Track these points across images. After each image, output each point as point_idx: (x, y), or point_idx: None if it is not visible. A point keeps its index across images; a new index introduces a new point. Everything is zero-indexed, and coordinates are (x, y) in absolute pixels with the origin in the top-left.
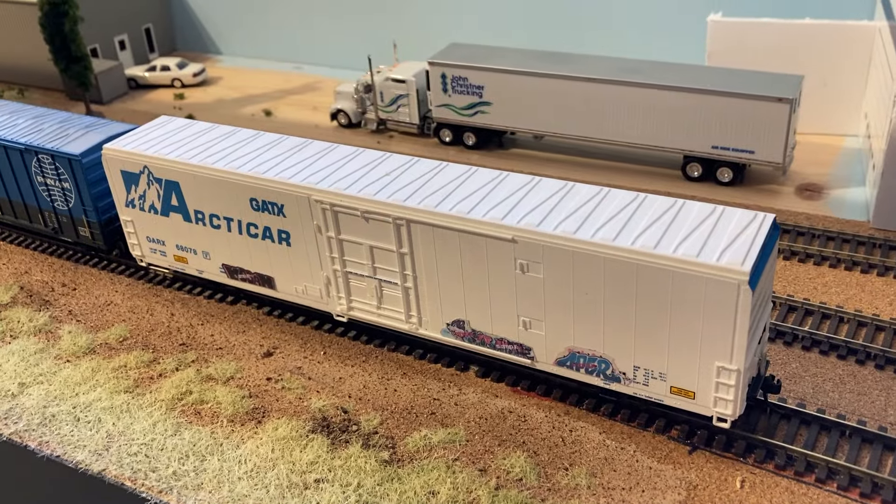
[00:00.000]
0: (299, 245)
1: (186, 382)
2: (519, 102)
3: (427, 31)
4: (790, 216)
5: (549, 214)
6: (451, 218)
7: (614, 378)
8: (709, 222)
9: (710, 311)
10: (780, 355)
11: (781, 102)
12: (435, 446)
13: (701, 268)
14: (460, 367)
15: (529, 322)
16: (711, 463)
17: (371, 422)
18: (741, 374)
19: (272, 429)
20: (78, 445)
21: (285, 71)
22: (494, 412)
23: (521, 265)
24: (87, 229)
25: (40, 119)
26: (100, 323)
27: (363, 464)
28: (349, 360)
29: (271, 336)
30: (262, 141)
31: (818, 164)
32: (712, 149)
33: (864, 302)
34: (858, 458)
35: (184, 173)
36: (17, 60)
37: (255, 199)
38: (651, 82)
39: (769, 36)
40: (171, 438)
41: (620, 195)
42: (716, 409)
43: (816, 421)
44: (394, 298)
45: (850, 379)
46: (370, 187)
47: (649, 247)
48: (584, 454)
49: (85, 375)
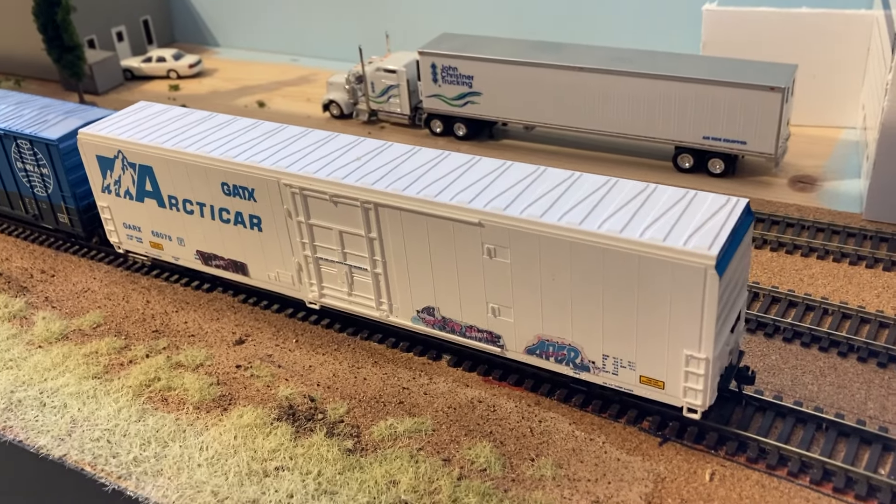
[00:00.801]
0: (270, 230)
1: (155, 369)
2: (508, 92)
3: (423, 22)
4: (780, 207)
5: (517, 198)
6: (418, 201)
7: (584, 367)
8: (679, 207)
9: (677, 297)
10: (760, 347)
11: (773, 91)
12: (400, 435)
13: (667, 252)
14: (432, 357)
15: (498, 309)
16: (682, 455)
17: (338, 410)
18: (710, 364)
19: (237, 416)
20: (41, 431)
21: (282, 63)
22: (464, 402)
23: (488, 250)
24: (65, 216)
25: (22, 105)
26: (75, 309)
27: (325, 452)
28: (321, 349)
29: (244, 324)
30: (236, 126)
31: (814, 156)
32: (703, 139)
33: (850, 294)
34: (834, 451)
35: (157, 158)
36: (15, 51)
37: (227, 183)
38: (641, 71)
39: (765, 25)
40: (134, 424)
41: (591, 179)
42: (686, 400)
43: (792, 413)
44: (364, 285)
45: (830, 371)
46: (339, 171)
47: (615, 231)
48: (552, 445)
49: (55, 361)
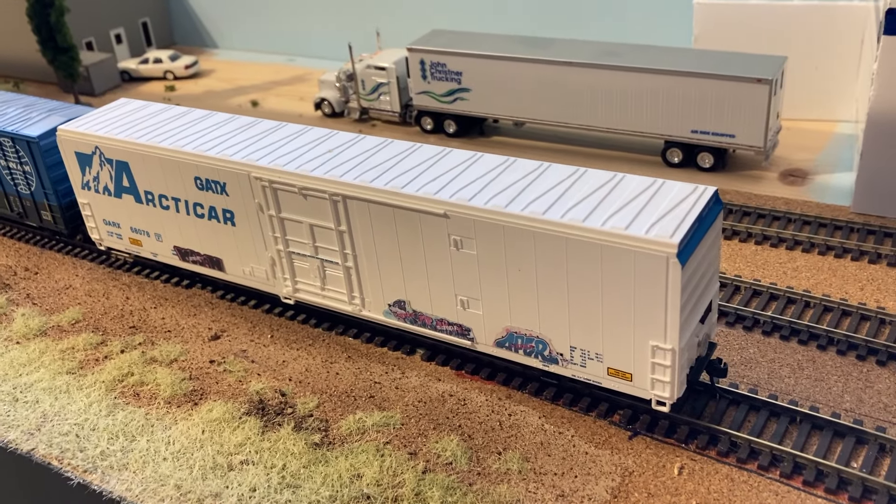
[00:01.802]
0: (243, 225)
1: (129, 364)
2: (497, 88)
3: (416, 21)
4: (768, 201)
5: (483, 189)
6: (385, 193)
7: (552, 359)
8: (645, 195)
9: (640, 286)
10: (738, 340)
11: (760, 83)
12: (368, 429)
13: (629, 241)
14: (406, 351)
15: (467, 301)
16: (651, 449)
17: (307, 405)
18: (676, 354)
19: (206, 411)
20: (12, 425)
21: (278, 63)
22: (434, 396)
23: (454, 241)
24: (49, 213)
25: (6, 104)
26: (55, 306)
27: (291, 446)
28: (295, 344)
29: (221, 319)
30: (212, 121)
31: (806, 149)
32: (692, 133)
33: (833, 287)
34: (806, 445)
35: (132, 153)
36: (13, 53)
37: (199, 177)
38: (627, 65)
39: (757, 18)
40: (104, 419)
41: (560, 170)
42: (653, 392)
43: (766, 407)
44: (336, 279)
45: (808, 364)
46: (309, 164)
47: (578, 220)
48: (520, 438)
49: (31, 357)
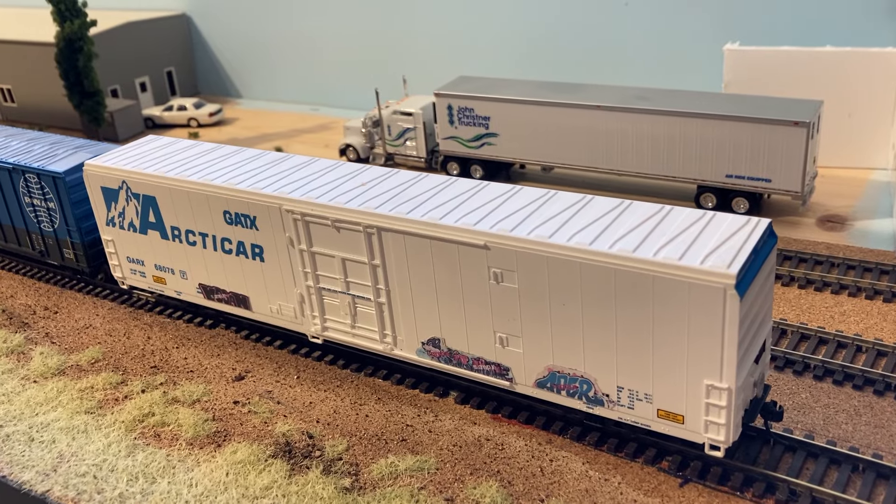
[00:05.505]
0: (273, 260)
1: (150, 404)
2: (525, 133)
3: (441, 69)
4: (809, 245)
5: (524, 220)
6: (422, 224)
7: (597, 401)
8: (697, 227)
9: (695, 320)
10: (789, 385)
11: (798, 126)
12: (401, 474)
13: (683, 272)
14: (439, 393)
15: (507, 338)
16: (704, 497)
17: (336, 448)
18: (733, 394)
19: (230, 452)
20: (27, 466)
21: (302, 112)
22: (470, 440)
23: (494, 274)
24: (71, 251)
25: (34, 141)
26: (75, 345)
27: (321, 490)
28: (322, 385)
29: (245, 360)
30: (242, 156)
31: (842, 196)
32: (726, 178)
33: (885, 331)
34: (872, 495)
35: (160, 187)
36: (40, 101)
37: (229, 211)
38: (660, 109)
39: (789, 65)
40: (123, 460)
41: (603, 202)
42: (707, 435)
43: (826, 453)
44: (368, 316)
45: (866, 410)
46: (342, 196)
47: (628, 250)
48: (564, 485)
49: (49, 396)
